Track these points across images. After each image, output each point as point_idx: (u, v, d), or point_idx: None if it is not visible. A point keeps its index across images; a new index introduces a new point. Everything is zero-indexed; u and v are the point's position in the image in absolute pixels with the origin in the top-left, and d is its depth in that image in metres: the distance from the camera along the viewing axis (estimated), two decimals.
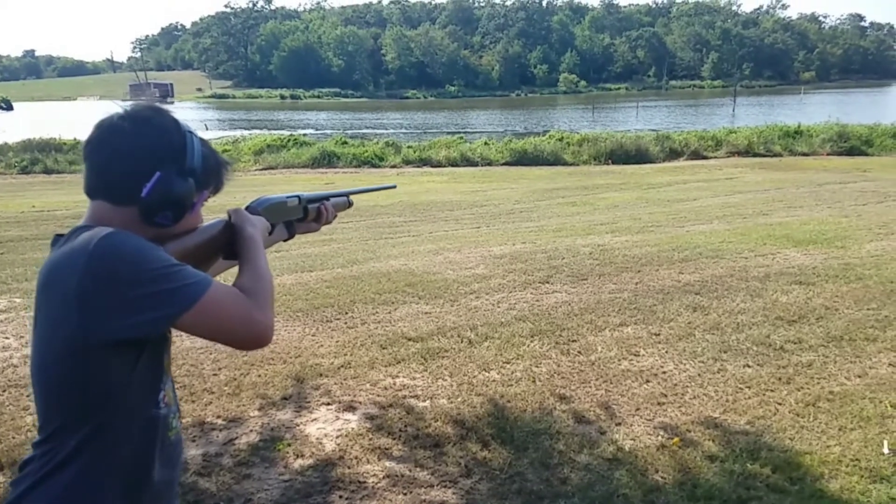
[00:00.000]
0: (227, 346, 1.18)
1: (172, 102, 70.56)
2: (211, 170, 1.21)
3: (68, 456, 1.07)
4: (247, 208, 1.42)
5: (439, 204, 10.49)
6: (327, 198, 1.70)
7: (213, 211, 1.32)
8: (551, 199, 10.91)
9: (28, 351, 2.64)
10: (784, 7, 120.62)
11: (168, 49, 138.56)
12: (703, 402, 3.29)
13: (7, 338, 4.38)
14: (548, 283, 5.46)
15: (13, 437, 3.03)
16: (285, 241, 1.63)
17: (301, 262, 6.36)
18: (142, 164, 1.11)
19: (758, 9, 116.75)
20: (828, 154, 17.41)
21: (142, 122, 1.14)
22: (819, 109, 32.67)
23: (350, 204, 1.83)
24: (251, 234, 1.29)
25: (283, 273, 5.95)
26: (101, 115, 1.16)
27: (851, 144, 17.73)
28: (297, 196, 1.58)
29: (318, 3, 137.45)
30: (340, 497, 2.56)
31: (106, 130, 1.13)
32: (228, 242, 1.30)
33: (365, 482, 2.65)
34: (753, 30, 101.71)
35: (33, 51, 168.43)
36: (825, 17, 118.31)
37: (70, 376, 1.06)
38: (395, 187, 2.32)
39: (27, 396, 3.41)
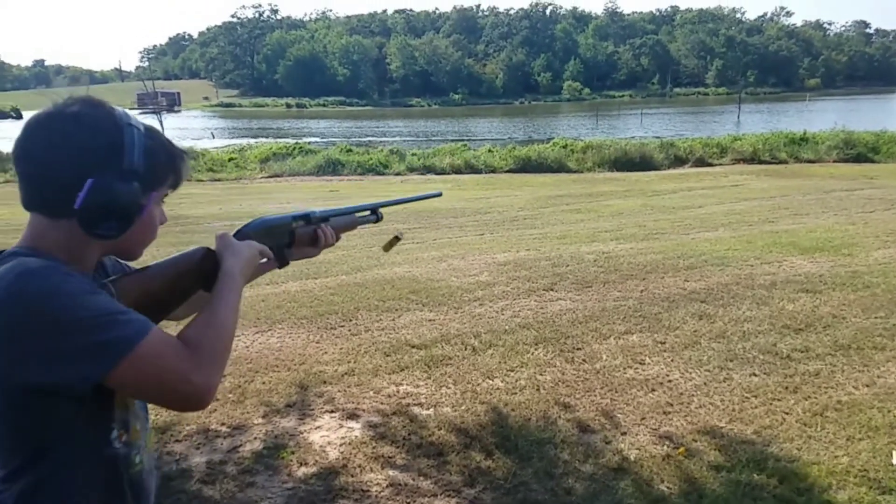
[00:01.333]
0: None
1: (179, 111, 70.95)
2: (160, 166, 1.04)
3: (23, 503, 0.98)
4: (240, 231, 1.27)
5: (443, 211, 10.49)
6: (326, 218, 1.47)
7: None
8: (555, 207, 10.90)
9: None
10: (788, 14, 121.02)
11: (175, 58, 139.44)
12: (709, 411, 3.26)
13: None
14: (552, 290, 5.44)
15: None
16: (279, 268, 1.40)
17: (305, 269, 6.36)
18: (72, 171, 0.94)
19: (762, 16, 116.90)
20: (834, 161, 17.36)
21: (69, 120, 0.97)
22: (824, 116, 32.57)
23: (379, 218, 1.63)
24: (228, 268, 1.13)
25: (288, 280, 5.94)
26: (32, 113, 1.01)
27: (858, 151, 17.66)
28: (307, 214, 1.41)
29: (324, 12, 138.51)
30: None
31: (31, 132, 0.97)
32: (209, 274, 1.15)
33: (368, 491, 2.64)
34: (758, 37, 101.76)
35: (43, 60, 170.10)
36: (830, 24, 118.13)
37: (3, 423, 0.96)
38: (440, 195, 2.03)
39: None
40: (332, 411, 3.35)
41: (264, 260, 1.29)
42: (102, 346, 0.90)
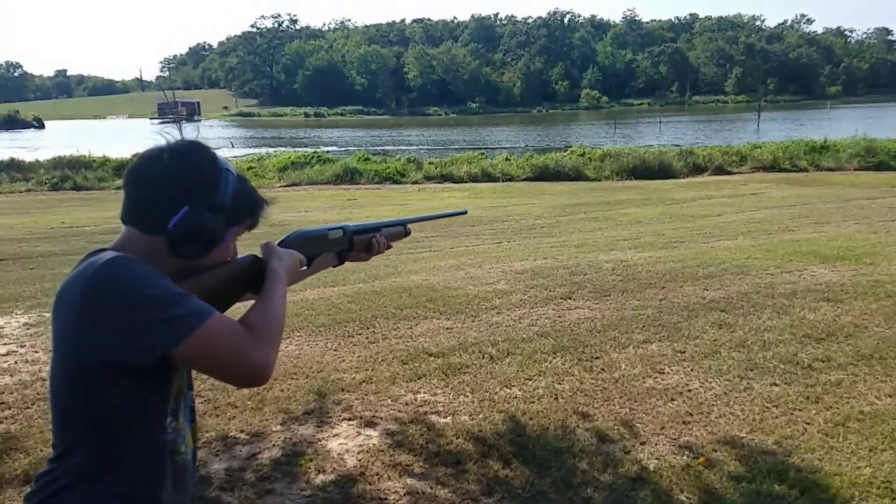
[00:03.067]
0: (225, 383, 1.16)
1: (199, 120, 71.81)
2: (244, 207, 1.22)
3: (74, 478, 1.09)
4: (283, 241, 1.43)
5: (460, 219, 10.51)
6: (379, 228, 1.69)
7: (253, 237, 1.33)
8: (573, 215, 10.88)
9: None
10: (809, 22, 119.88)
11: (195, 68, 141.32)
12: (730, 421, 3.23)
13: (37, 351, 4.46)
14: (570, 298, 5.43)
15: (41, 451, 3.07)
16: (335, 266, 1.65)
17: (323, 278, 6.40)
18: (172, 197, 1.12)
19: (782, 23, 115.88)
20: (855, 169, 17.15)
21: (179, 156, 1.16)
22: (846, 124, 32.23)
23: (407, 233, 1.82)
24: (274, 268, 1.29)
25: (306, 288, 5.99)
26: (148, 145, 1.20)
27: (879, 159, 17.43)
28: (342, 227, 1.58)
29: (343, 22, 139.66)
30: None
31: (145, 161, 1.16)
32: (256, 278, 1.29)
33: (386, 499, 2.65)
34: (778, 45, 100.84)
35: (65, 70, 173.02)
36: (851, 31, 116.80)
37: (73, 397, 1.09)
38: (465, 213, 2.26)
39: None
40: (349, 419, 3.36)
41: (304, 268, 1.46)
42: (174, 320, 1.04)
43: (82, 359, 1.05)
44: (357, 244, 1.62)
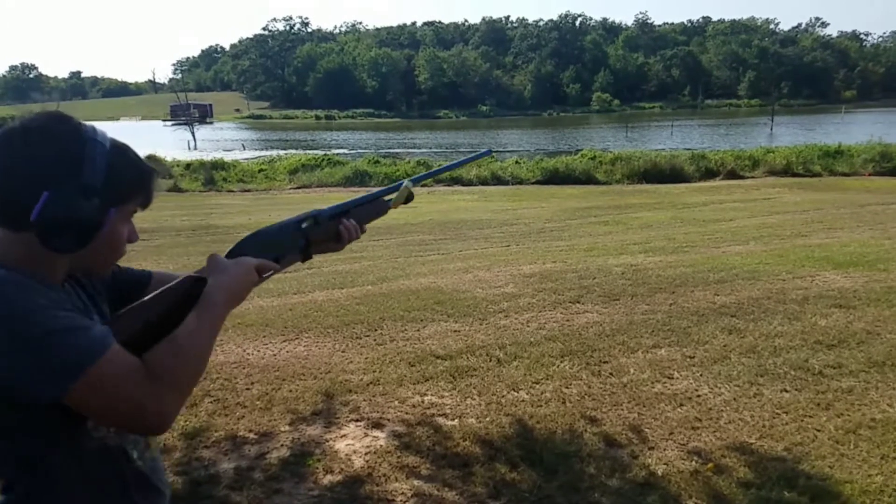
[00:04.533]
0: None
1: (211, 122, 72.27)
2: (125, 183, 1.02)
3: None
4: (232, 249, 1.24)
5: (469, 222, 10.51)
6: (347, 211, 1.40)
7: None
8: (583, 219, 10.85)
9: None
10: (824, 25, 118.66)
11: (208, 71, 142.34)
12: (739, 427, 3.21)
13: None
14: (578, 302, 5.41)
15: None
16: (302, 262, 1.37)
17: (332, 279, 6.42)
18: (28, 183, 0.94)
19: (796, 27, 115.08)
20: (870, 174, 17.00)
21: (33, 133, 0.97)
22: (860, 129, 31.94)
23: (407, 199, 1.48)
24: (208, 293, 1.10)
25: (315, 290, 6.01)
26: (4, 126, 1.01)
27: (894, 165, 17.28)
28: (314, 214, 1.35)
29: (354, 25, 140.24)
30: None
31: None
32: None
33: (393, 500, 2.65)
34: (792, 48, 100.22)
35: (79, 72, 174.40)
36: (867, 35, 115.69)
37: None
38: (490, 153, 1.90)
39: None
40: (357, 420, 3.37)
41: (270, 273, 1.25)
42: (56, 368, 0.90)
43: None
44: (320, 236, 1.36)
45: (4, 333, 0.90)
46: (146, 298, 1.11)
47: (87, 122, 1.03)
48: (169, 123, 70.24)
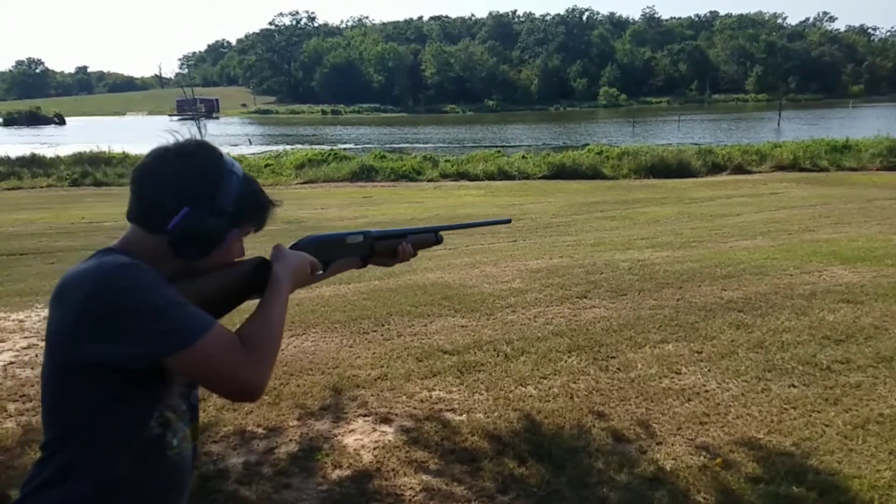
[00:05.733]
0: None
1: (218, 117, 72.36)
2: (248, 210, 1.22)
3: (59, 471, 1.09)
4: (296, 244, 1.43)
5: (476, 217, 10.50)
6: (405, 235, 1.67)
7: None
8: (589, 214, 10.83)
9: None
10: (832, 19, 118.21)
11: (214, 65, 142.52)
12: (747, 422, 3.21)
13: None
14: (586, 297, 5.41)
15: None
16: (358, 268, 1.65)
17: (339, 275, 6.43)
18: (173, 198, 1.13)
19: (804, 21, 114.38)
20: (877, 169, 16.91)
21: (184, 156, 1.16)
22: (868, 123, 31.76)
23: (439, 240, 1.78)
24: (277, 275, 1.27)
25: (322, 285, 6.02)
26: (155, 144, 1.21)
27: None
28: (363, 233, 1.57)
29: (360, 19, 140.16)
30: None
31: (151, 160, 1.17)
32: (263, 280, 1.28)
33: (402, 495, 2.66)
34: (800, 43, 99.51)
35: (86, 67, 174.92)
36: (875, 29, 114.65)
37: (59, 391, 1.09)
38: (510, 221, 2.19)
39: None
40: (365, 415, 3.38)
41: (319, 272, 1.46)
42: (172, 332, 1.05)
43: (75, 357, 1.05)
44: (380, 250, 1.62)
45: (130, 301, 1.04)
46: (205, 274, 1.23)
47: (227, 155, 1.21)
48: (175, 118, 70.36)
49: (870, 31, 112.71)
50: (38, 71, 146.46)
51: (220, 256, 1.22)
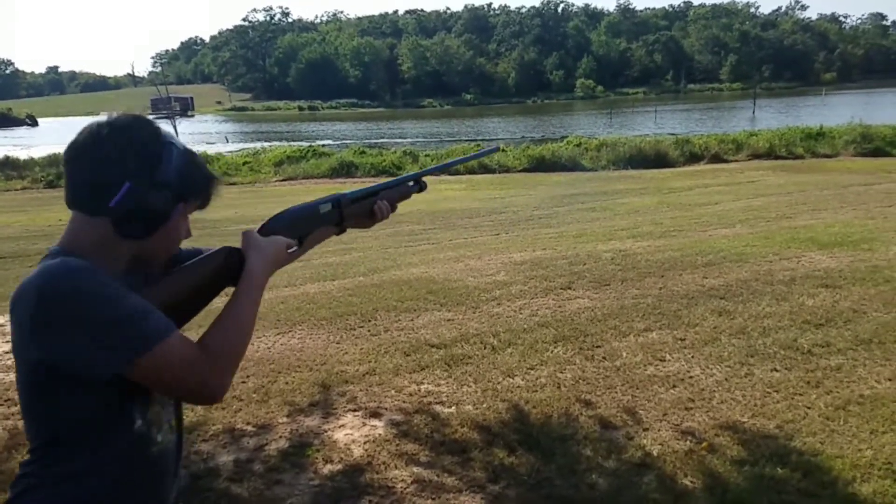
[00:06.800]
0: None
1: (193, 115, 71.55)
2: (191, 183, 1.16)
3: (43, 477, 1.08)
4: (265, 225, 1.34)
5: (458, 211, 10.52)
6: (377, 192, 1.58)
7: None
8: (570, 205, 10.89)
9: None
10: (803, 8, 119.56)
11: (188, 63, 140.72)
12: (731, 406, 3.26)
13: None
14: (570, 288, 5.45)
15: None
16: (337, 234, 1.56)
17: (323, 272, 6.42)
18: (113, 174, 1.07)
19: (776, 10, 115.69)
20: (851, 156, 17.19)
21: (119, 131, 1.10)
22: (841, 111, 32.25)
23: (422, 187, 1.70)
24: (251, 270, 1.23)
25: (306, 282, 6.00)
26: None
27: (875, 146, 17.49)
28: (333, 199, 1.48)
29: (335, 14, 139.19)
30: (370, 502, 2.58)
31: (85, 137, 1.10)
32: (235, 271, 1.23)
33: (393, 487, 2.67)
34: (772, 31, 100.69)
35: (56, 67, 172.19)
36: (846, 17, 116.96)
37: (35, 402, 1.08)
38: (499, 150, 2.15)
39: None
40: (355, 410, 3.39)
41: (293, 249, 1.38)
42: (128, 342, 1.02)
43: (40, 367, 1.03)
44: (355, 212, 1.52)
45: (81, 312, 1.00)
46: (172, 274, 1.20)
47: (163, 128, 1.16)
48: (150, 117, 69.16)
49: (841, 18, 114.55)
50: (7, 72, 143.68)
51: (168, 234, 1.15)
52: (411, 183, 1.69)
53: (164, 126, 1.23)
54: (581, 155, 18.28)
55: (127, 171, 1.07)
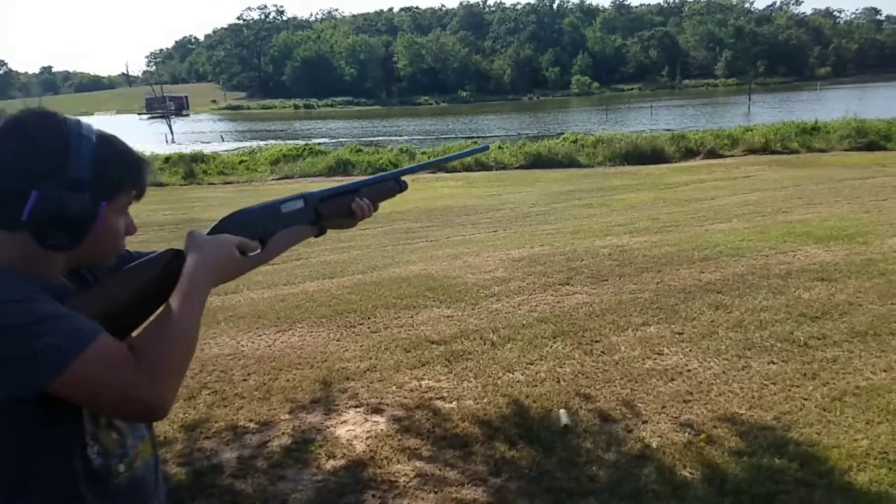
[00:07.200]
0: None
1: (188, 115, 71.42)
2: (114, 175, 1.01)
3: None
4: (215, 226, 1.22)
5: (455, 209, 10.55)
6: (356, 189, 1.47)
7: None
8: (567, 202, 10.93)
9: None
10: (798, 3, 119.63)
11: (182, 62, 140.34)
12: (729, 399, 3.30)
13: None
14: (568, 284, 5.48)
15: None
16: (316, 236, 1.46)
17: (322, 270, 6.44)
18: (17, 183, 0.93)
19: (771, 5, 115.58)
20: (846, 150, 17.25)
21: (18, 131, 0.96)
22: (836, 105, 32.34)
23: (402, 187, 1.58)
24: (188, 269, 1.07)
25: (305, 280, 6.03)
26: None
27: (870, 140, 17.53)
28: (302, 196, 1.37)
29: (330, 12, 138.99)
30: (373, 496, 2.62)
31: None
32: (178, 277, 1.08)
33: (396, 482, 2.70)
34: (767, 27, 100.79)
35: (50, 67, 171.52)
36: (840, 11, 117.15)
37: None
38: (487, 148, 2.05)
39: None
40: (356, 406, 3.42)
41: (257, 251, 1.25)
42: (42, 354, 0.88)
43: None
44: (330, 212, 1.42)
45: None
46: (106, 279, 1.08)
47: (72, 117, 1.01)
48: (145, 117, 69.30)
49: (835, 13, 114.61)
50: (1, 72, 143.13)
51: (101, 238, 1.02)
52: (392, 182, 1.58)
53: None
54: (577, 151, 18.31)
55: (32, 177, 0.94)
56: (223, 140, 37.10)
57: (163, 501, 1.17)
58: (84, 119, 1.05)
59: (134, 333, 1.06)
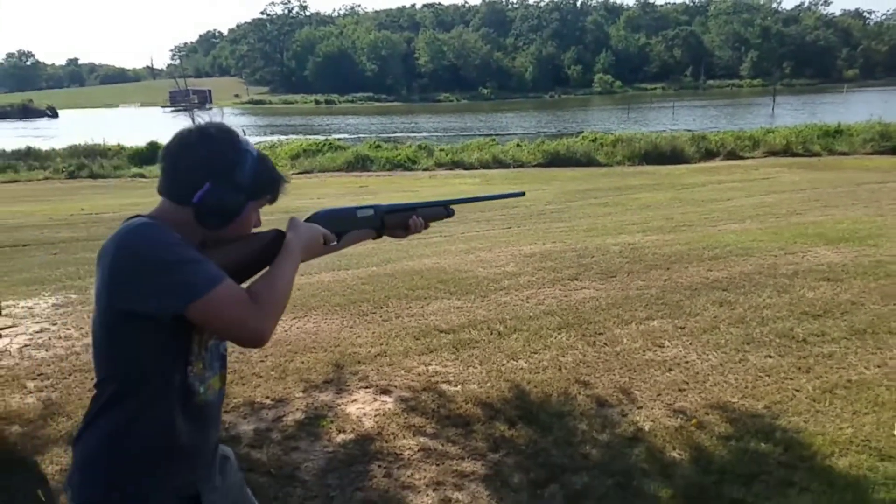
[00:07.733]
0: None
1: (211, 108, 72.17)
2: (262, 185, 1.38)
3: (105, 405, 1.28)
4: (310, 217, 1.59)
5: (471, 206, 10.67)
6: (414, 209, 1.80)
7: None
8: (583, 200, 11.03)
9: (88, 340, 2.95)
10: (827, 3, 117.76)
11: (206, 56, 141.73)
12: (723, 388, 3.43)
13: (69, 329, 4.73)
14: (576, 279, 5.62)
15: (80, 414, 3.32)
16: (373, 239, 1.78)
17: (338, 261, 6.63)
18: (197, 174, 1.29)
19: (799, 5, 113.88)
20: (869, 153, 17.11)
21: (206, 137, 1.33)
22: (862, 108, 31.91)
23: (450, 213, 1.88)
24: (288, 242, 1.43)
25: (322, 271, 6.22)
26: (182, 126, 1.40)
27: (894, 143, 17.36)
28: (373, 207, 1.72)
29: (353, 8, 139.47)
30: (379, 466, 2.80)
31: (178, 140, 1.34)
32: (280, 249, 1.44)
33: (401, 454, 2.88)
34: (794, 27, 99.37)
35: (77, 59, 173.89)
36: (870, 13, 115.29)
37: (104, 340, 1.27)
38: (523, 194, 2.25)
39: (91, 379, 3.72)
40: (366, 387, 3.60)
41: (334, 242, 1.61)
42: (185, 285, 1.20)
43: (112, 309, 1.22)
44: (392, 223, 1.75)
45: (150, 259, 1.20)
46: (230, 244, 1.40)
47: (243, 136, 1.39)
48: (168, 110, 70.12)
49: (865, 14, 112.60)
50: (28, 63, 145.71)
51: (240, 226, 1.38)
52: (442, 208, 1.89)
53: (208, 116, 1.43)
54: (596, 150, 18.37)
55: (209, 174, 1.30)
56: (245, 134, 37.43)
57: (219, 431, 1.49)
58: (189, 125, 1.39)
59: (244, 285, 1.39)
